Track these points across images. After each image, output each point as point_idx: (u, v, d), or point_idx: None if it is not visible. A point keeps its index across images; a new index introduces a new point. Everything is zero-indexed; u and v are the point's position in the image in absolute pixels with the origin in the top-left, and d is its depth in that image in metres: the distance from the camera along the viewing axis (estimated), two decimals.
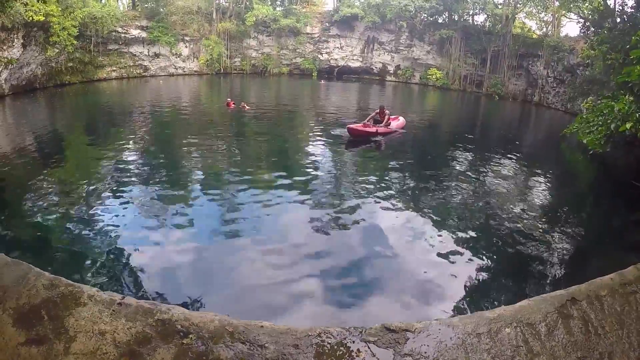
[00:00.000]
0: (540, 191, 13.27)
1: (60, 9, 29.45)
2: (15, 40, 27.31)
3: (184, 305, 6.10)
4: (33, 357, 2.17)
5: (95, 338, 2.28)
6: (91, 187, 10.42)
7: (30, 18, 26.76)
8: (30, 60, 29.80)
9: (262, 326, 2.47)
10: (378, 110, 18.75)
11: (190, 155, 13.97)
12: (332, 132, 18.55)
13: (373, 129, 17.90)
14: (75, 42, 31.91)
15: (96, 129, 17.40)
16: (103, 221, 8.87)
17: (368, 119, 18.56)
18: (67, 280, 2.73)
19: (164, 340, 2.29)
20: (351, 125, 17.67)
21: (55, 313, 2.44)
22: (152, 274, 7.15)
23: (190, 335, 2.32)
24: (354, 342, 2.41)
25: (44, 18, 27.69)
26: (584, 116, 13.75)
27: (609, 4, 25.10)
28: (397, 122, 19.54)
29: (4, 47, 26.23)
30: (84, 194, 9.98)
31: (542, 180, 14.25)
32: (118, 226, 8.71)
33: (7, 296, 2.53)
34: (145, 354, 2.21)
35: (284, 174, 12.81)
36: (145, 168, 12.36)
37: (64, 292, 2.60)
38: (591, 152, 13.11)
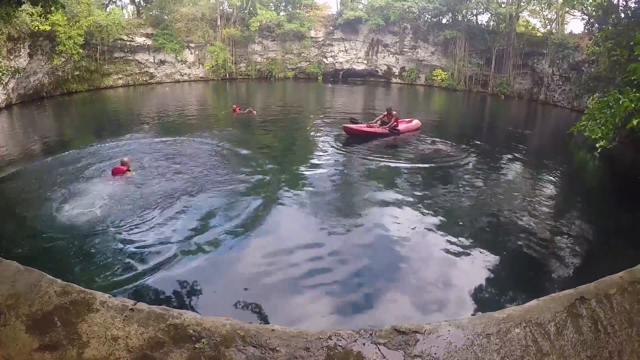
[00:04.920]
0: (547, 190, 13.21)
1: (65, 18, 29.71)
2: (22, 49, 27.58)
3: (196, 310, 6.13)
4: None
5: (108, 343, 2.31)
6: (100, 194, 10.48)
7: (36, 28, 27.04)
8: (37, 69, 30.07)
9: (273, 330, 2.49)
10: (385, 113, 18.81)
11: (197, 161, 14.01)
12: (336, 134, 18.63)
13: (370, 129, 18.06)
14: (81, 50, 32.14)
15: (104, 136, 17.48)
16: (113, 227, 8.92)
17: (375, 120, 18.71)
18: (79, 287, 2.76)
19: (177, 344, 2.31)
20: (346, 125, 18.11)
21: (68, 319, 2.47)
22: (163, 279, 7.18)
23: (202, 340, 2.35)
24: (364, 344, 2.42)
25: (49, 27, 27.99)
26: (590, 111, 13.66)
27: None
28: (408, 125, 19.52)
29: (11, 57, 26.47)
30: (93, 201, 10.03)
31: (549, 179, 14.18)
32: (127, 232, 8.76)
33: (20, 303, 2.57)
34: (158, 358, 2.24)
35: (291, 177, 12.84)
36: (153, 173, 12.43)
37: (76, 298, 2.63)
38: (599, 149, 13.03)
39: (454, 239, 8.95)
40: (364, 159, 15.10)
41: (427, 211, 10.48)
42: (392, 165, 14.63)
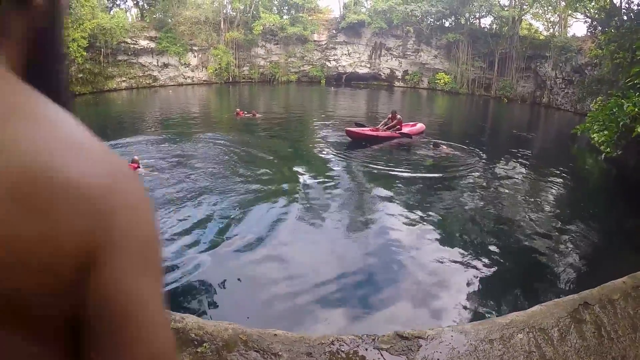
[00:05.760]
0: (551, 194, 13.17)
1: (69, 21, 29.81)
2: None
3: (198, 314, 6.13)
4: None
5: None
6: None
7: None
8: None
9: (275, 334, 2.48)
10: (390, 116, 18.86)
11: (203, 164, 14.02)
12: (339, 138, 18.64)
13: (372, 133, 18.07)
14: (84, 53, 32.34)
15: (109, 138, 17.50)
16: None
17: (381, 124, 18.77)
18: None
19: (178, 349, 2.31)
20: (349, 128, 18.13)
21: None
22: (165, 282, 7.15)
23: (205, 344, 2.34)
24: (367, 349, 2.42)
25: None
26: (594, 114, 13.59)
27: (615, 2, 24.92)
28: (412, 129, 19.50)
29: None
30: None
31: (552, 183, 14.14)
32: None
33: None
34: None
35: (293, 183, 12.79)
36: (161, 174, 12.45)
37: None
38: (603, 154, 12.99)
39: (455, 245, 8.92)
40: (366, 164, 15.07)
41: (429, 216, 10.45)
42: (395, 169, 14.58)
